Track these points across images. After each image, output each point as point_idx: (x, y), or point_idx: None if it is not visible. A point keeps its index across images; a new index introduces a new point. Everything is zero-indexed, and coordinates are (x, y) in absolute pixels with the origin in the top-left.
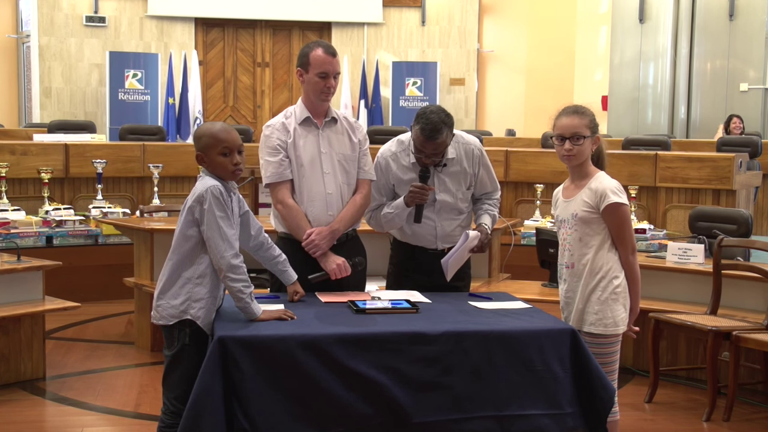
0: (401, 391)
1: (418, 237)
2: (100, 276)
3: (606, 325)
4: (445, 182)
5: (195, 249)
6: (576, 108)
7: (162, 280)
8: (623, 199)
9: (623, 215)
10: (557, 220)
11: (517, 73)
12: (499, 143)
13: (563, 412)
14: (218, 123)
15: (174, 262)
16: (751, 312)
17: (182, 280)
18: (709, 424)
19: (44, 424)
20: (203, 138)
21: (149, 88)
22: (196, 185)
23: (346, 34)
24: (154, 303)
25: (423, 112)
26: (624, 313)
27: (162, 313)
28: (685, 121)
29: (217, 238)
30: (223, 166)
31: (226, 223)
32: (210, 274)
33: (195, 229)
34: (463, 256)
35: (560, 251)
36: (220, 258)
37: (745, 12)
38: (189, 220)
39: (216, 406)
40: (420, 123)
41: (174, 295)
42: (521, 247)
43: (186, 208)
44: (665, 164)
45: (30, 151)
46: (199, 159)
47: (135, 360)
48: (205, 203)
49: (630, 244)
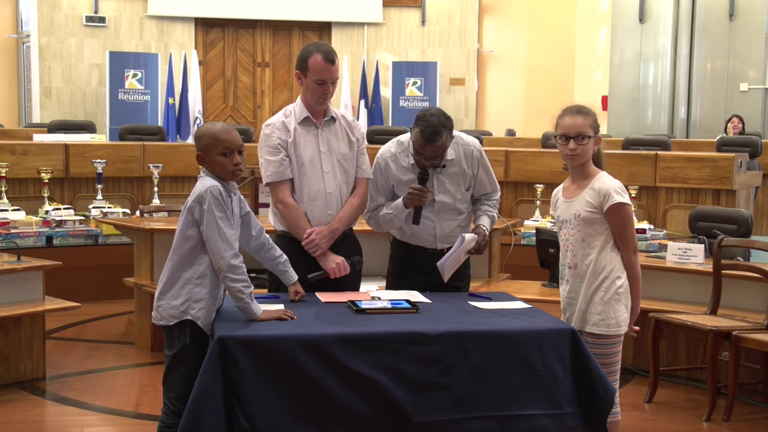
0: (401, 391)
1: (417, 237)
2: (100, 276)
3: (609, 326)
4: (444, 183)
5: (195, 249)
6: (580, 108)
7: (162, 280)
8: (626, 199)
9: (626, 215)
10: (558, 220)
11: (517, 73)
12: (499, 143)
13: (563, 412)
14: (218, 123)
15: (174, 263)
16: (751, 312)
17: (182, 280)
18: (709, 424)
19: (44, 424)
20: (203, 138)
21: (149, 88)
22: (196, 185)
23: (346, 34)
24: (154, 303)
25: (423, 114)
26: (626, 313)
27: (162, 314)
28: (685, 121)
29: (217, 238)
30: (223, 166)
31: (225, 224)
32: (210, 274)
33: (195, 229)
34: (460, 258)
35: (562, 252)
36: (219, 258)
37: (745, 12)
38: (189, 221)
39: (216, 406)
40: (420, 126)
41: (174, 295)
42: (521, 247)
43: (186, 208)
44: (665, 164)
45: (30, 151)
46: (200, 159)
47: (135, 360)
48: (205, 203)
49: (632, 244)
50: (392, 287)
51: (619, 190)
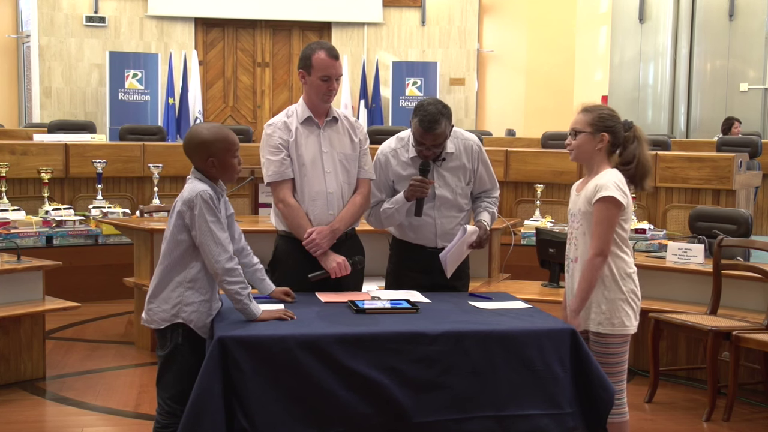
0: (401, 391)
1: (418, 234)
2: (100, 276)
3: (614, 325)
4: (444, 177)
5: (186, 254)
6: (586, 106)
7: (153, 283)
8: (619, 194)
9: (605, 211)
10: (569, 213)
11: (517, 73)
12: (499, 143)
13: (563, 412)
14: (216, 125)
15: (165, 266)
16: (751, 312)
17: (173, 284)
18: (709, 424)
19: (44, 424)
20: (218, 143)
21: (149, 88)
22: (185, 189)
23: (346, 34)
24: (145, 306)
25: (420, 104)
26: (633, 313)
27: (153, 317)
28: (685, 121)
29: (211, 243)
30: (234, 168)
31: (217, 227)
32: (202, 278)
33: (185, 234)
34: (462, 252)
35: (567, 245)
36: (215, 263)
37: (745, 12)
38: (179, 225)
39: (216, 406)
40: (418, 115)
41: (165, 299)
42: (521, 247)
43: (175, 212)
44: (665, 164)
45: (30, 151)
46: (210, 164)
47: (135, 360)
48: (196, 208)
49: (599, 244)
50: (392, 287)
51: (616, 185)
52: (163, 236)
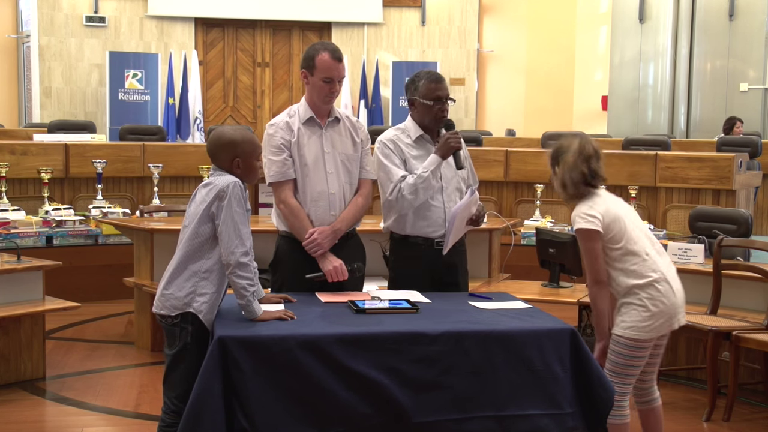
0: (401, 391)
1: (429, 222)
2: (100, 276)
3: (623, 328)
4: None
5: (205, 244)
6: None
7: (169, 270)
8: (584, 224)
9: (583, 243)
10: None
11: (517, 73)
12: (499, 143)
13: (563, 412)
14: (241, 127)
15: (182, 255)
16: (751, 312)
17: (188, 272)
18: (709, 424)
19: (44, 424)
20: (244, 144)
21: (149, 88)
22: (215, 180)
23: (346, 34)
24: (158, 293)
25: (416, 73)
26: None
27: (165, 303)
28: (685, 121)
29: (231, 232)
30: (256, 170)
31: (241, 219)
32: (217, 270)
33: (208, 225)
34: (462, 227)
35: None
36: (230, 253)
37: (745, 12)
38: (204, 216)
39: (216, 406)
40: (422, 76)
41: (179, 286)
42: (521, 247)
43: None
44: (665, 164)
45: (30, 151)
46: (236, 165)
47: (135, 360)
48: (225, 198)
49: (590, 275)
50: (392, 287)
51: (582, 216)
52: (182, 225)
